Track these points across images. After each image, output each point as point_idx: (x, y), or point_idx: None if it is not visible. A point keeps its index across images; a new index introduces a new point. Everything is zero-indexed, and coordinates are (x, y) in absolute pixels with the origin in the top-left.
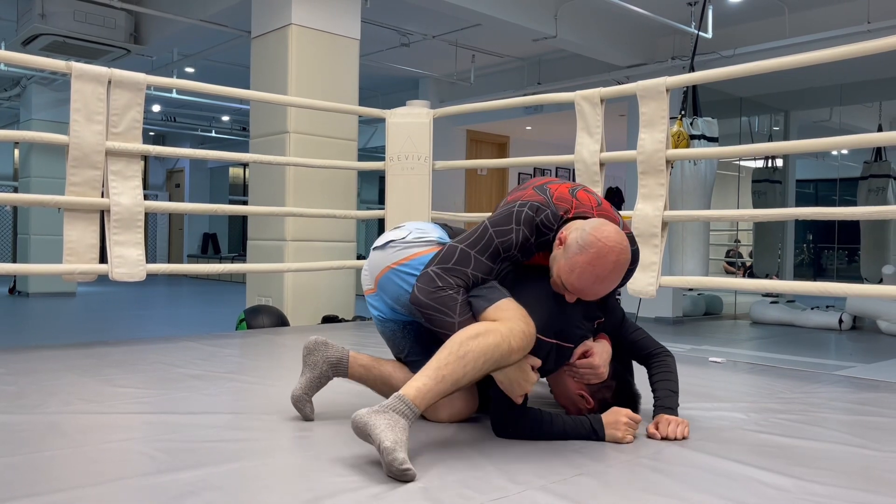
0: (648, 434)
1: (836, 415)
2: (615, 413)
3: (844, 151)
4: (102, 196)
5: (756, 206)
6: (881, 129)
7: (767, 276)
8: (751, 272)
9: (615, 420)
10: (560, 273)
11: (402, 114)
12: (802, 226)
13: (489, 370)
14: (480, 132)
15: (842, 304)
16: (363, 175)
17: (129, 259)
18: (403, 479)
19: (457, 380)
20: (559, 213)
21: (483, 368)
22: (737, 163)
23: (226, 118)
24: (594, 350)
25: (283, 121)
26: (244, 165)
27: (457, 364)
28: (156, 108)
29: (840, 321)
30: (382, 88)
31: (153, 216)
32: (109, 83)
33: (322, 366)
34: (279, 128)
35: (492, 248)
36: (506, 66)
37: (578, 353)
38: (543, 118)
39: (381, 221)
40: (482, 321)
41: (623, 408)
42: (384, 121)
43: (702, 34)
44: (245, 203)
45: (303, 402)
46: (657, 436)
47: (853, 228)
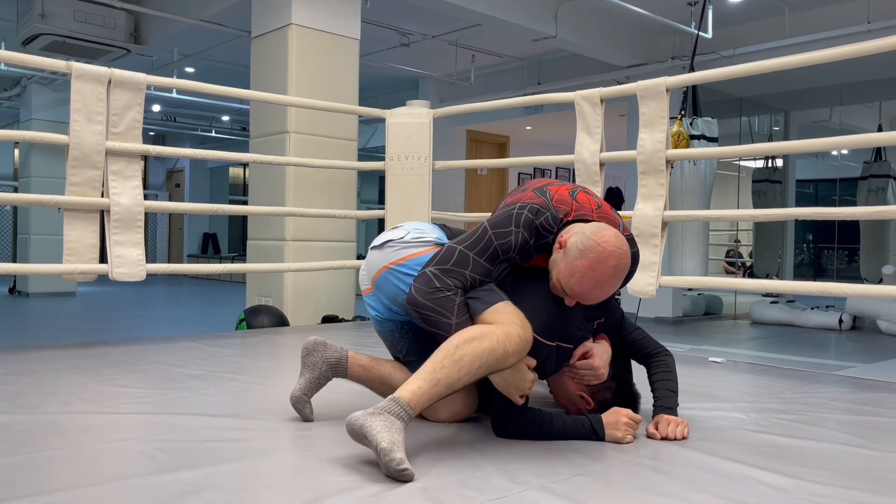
0: (648, 434)
1: (836, 415)
2: (615, 413)
3: (844, 151)
4: (102, 196)
5: (756, 206)
6: (881, 129)
7: (768, 276)
8: (751, 272)
9: (615, 420)
10: (560, 277)
11: (402, 114)
12: (802, 226)
13: (484, 374)
14: (480, 132)
15: (842, 304)
16: (363, 175)
17: (129, 259)
18: (401, 479)
19: (451, 383)
20: (559, 216)
21: (478, 373)
22: (737, 163)
23: (226, 118)
24: (594, 351)
25: (283, 121)
26: (244, 165)
27: (452, 367)
28: (156, 108)
29: (840, 321)
30: (382, 88)
31: (153, 216)
32: (109, 83)
33: (321, 366)
34: (279, 128)
35: (490, 250)
36: (506, 66)
37: (578, 355)
38: (543, 118)
39: (381, 221)
40: (479, 324)
41: (623, 408)
42: (384, 121)
43: (702, 34)
44: (245, 203)
45: (302, 403)
46: (657, 436)
47: (853, 228)
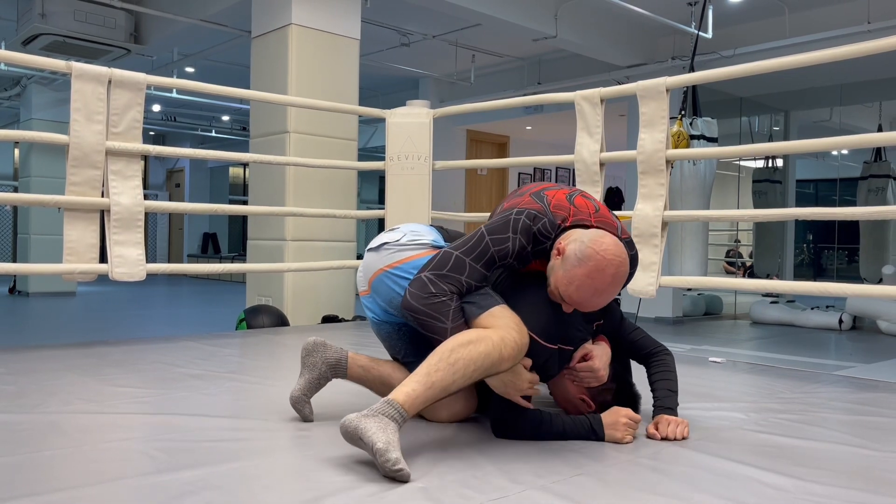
0: (648, 434)
1: (836, 415)
2: (615, 413)
3: (844, 151)
4: (102, 196)
5: (756, 206)
6: (881, 129)
7: (768, 276)
8: (751, 272)
9: (615, 421)
10: (558, 284)
11: (402, 114)
12: (802, 226)
13: (479, 378)
14: (480, 132)
15: (842, 304)
16: (363, 175)
17: (129, 259)
18: (398, 480)
19: (446, 386)
20: (556, 222)
21: (473, 376)
22: (737, 163)
23: (226, 118)
24: (593, 353)
25: (283, 120)
26: (244, 165)
27: (447, 371)
28: (156, 108)
29: (840, 321)
30: (382, 88)
31: (153, 216)
32: (109, 83)
33: (321, 367)
34: (279, 127)
35: (487, 256)
36: (506, 66)
37: (578, 357)
38: (543, 118)
39: (381, 221)
40: (475, 328)
41: (623, 408)
42: (384, 121)
43: (702, 34)
44: (245, 203)
45: (301, 404)
46: (657, 436)
47: (853, 228)
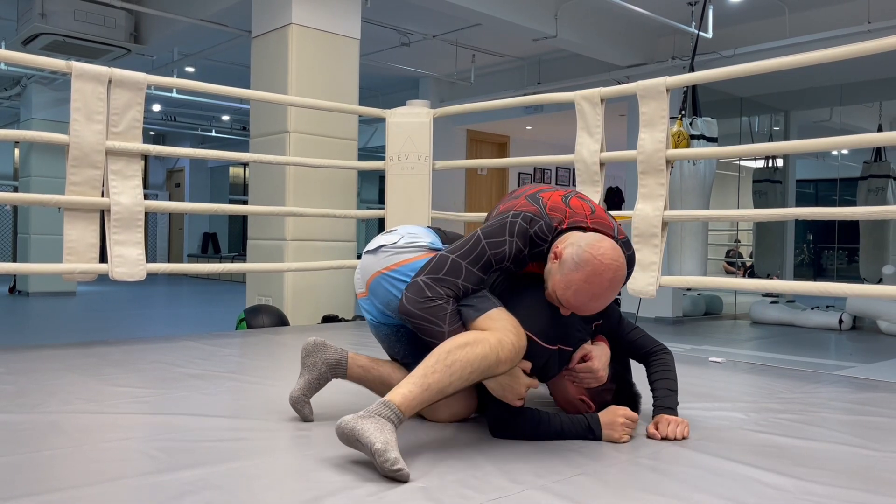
0: (648, 434)
1: (836, 415)
2: (612, 413)
3: (844, 151)
4: (102, 195)
5: (757, 206)
6: (881, 129)
7: (769, 276)
8: (751, 272)
9: (612, 420)
10: (555, 288)
11: (402, 113)
12: (802, 226)
13: (476, 380)
14: (480, 132)
15: (842, 304)
16: (363, 175)
17: (129, 258)
18: (397, 480)
19: (442, 388)
20: (553, 224)
21: (470, 378)
22: (737, 163)
23: (226, 118)
24: (592, 354)
25: (284, 120)
26: (244, 165)
27: (443, 373)
28: (156, 108)
29: (840, 321)
30: (382, 88)
31: (153, 216)
32: (110, 82)
33: (321, 367)
34: (279, 127)
35: (484, 260)
36: (506, 66)
37: (577, 358)
38: (543, 118)
39: (381, 221)
40: (472, 330)
41: (621, 406)
42: (384, 120)
43: (702, 34)
44: (245, 203)
45: (301, 404)
46: (657, 436)
47: (853, 228)
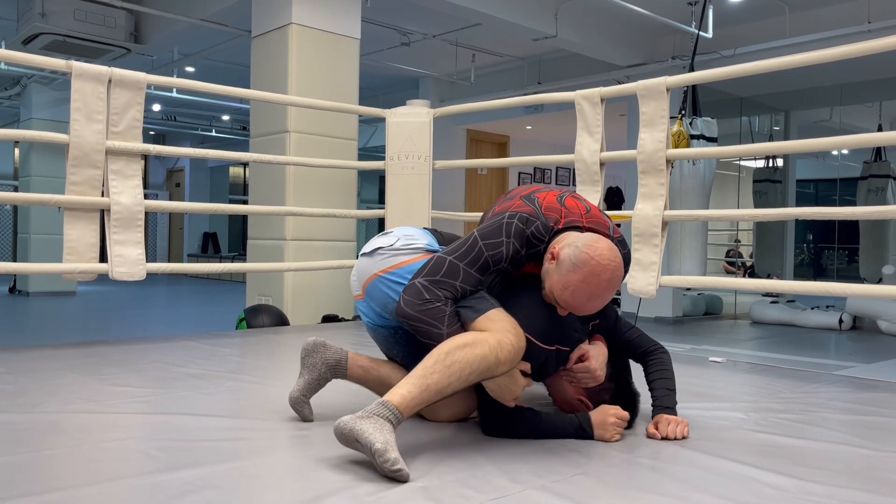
0: (648, 434)
1: (836, 415)
2: (603, 412)
3: (844, 151)
4: (102, 195)
5: (757, 206)
6: (881, 129)
7: (769, 276)
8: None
9: (603, 420)
10: (553, 289)
11: (403, 113)
12: (802, 226)
13: (475, 381)
14: (480, 132)
15: (842, 304)
16: (363, 174)
17: (129, 258)
18: (396, 480)
19: (441, 389)
20: (549, 224)
21: (469, 379)
22: (737, 163)
23: (226, 117)
24: (589, 353)
25: (284, 120)
26: (244, 165)
27: (442, 373)
28: (156, 108)
29: (840, 321)
30: (382, 88)
31: (153, 215)
32: (110, 82)
33: (320, 368)
34: (279, 127)
35: (482, 261)
36: (506, 66)
37: (574, 358)
38: (543, 118)
39: (381, 221)
40: (471, 331)
41: (612, 406)
42: (384, 120)
43: (702, 34)
44: (245, 202)
45: (300, 405)
46: (657, 436)
47: (853, 228)
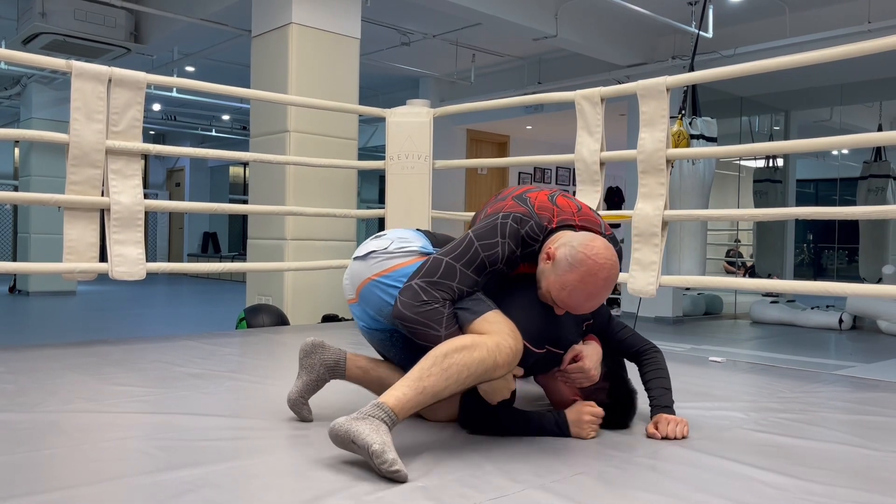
0: (648, 434)
1: (836, 414)
2: (577, 410)
3: (844, 151)
4: (102, 195)
5: (757, 206)
6: (881, 129)
7: (770, 276)
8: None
9: (577, 418)
10: (550, 289)
11: (403, 113)
12: (803, 226)
13: (472, 384)
14: (480, 131)
15: (842, 304)
16: (363, 174)
17: (129, 258)
18: (395, 480)
19: (437, 392)
20: (543, 223)
21: (466, 382)
22: (737, 162)
23: (226, 117)
24: (584, 354)
25: (284, 120)
26: (244, 164)
27: (439, 376)
28: (156, 107)
29: (840, 321)
30: (382, 88)
31: (153, 215)
32: (110, 82)
33: (319, 369)
34: (279, 127)
35: (478, 262)
36: (506, 66)
37: (568, 359)
38: (543, 118)
39: (381, 220)
40: (469, 333)
41: (587, 402)
42: (384, 120)
43: (702, 34)
44: (245, 202)
45: (299, 406)
46: (657, 435)
47: (853, 228)
